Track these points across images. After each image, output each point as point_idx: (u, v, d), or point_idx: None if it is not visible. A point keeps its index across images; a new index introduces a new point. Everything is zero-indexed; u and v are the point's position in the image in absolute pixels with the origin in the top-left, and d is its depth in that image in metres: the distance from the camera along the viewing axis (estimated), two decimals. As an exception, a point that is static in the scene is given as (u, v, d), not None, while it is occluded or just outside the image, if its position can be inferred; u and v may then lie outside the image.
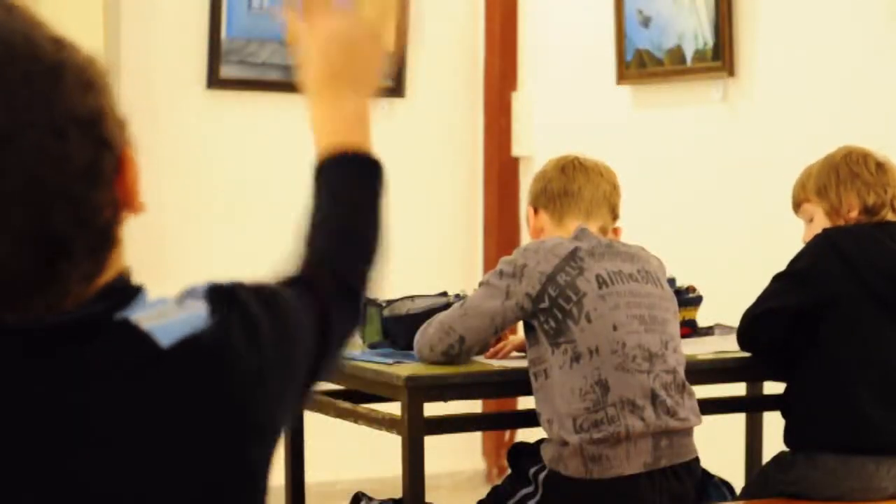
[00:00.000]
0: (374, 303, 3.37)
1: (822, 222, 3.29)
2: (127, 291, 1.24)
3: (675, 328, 3.15)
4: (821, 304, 3.20)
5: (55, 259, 1.17)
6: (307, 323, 1.34)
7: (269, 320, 1.29)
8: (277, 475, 3.87)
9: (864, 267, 3.17)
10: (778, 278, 3.29)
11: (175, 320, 1.22)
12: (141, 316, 1.21)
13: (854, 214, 3.26)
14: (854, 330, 3.19)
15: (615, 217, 3.26)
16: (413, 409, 3.02)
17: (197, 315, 1.23)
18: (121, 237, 1.24)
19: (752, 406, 3.82)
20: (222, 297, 1.26)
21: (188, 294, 1.26)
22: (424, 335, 3.11)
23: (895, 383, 3.19)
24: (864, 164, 3.29)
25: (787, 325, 3.25)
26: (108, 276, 1.23)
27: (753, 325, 3.29)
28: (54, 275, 1.18)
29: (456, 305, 3.12)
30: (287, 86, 5.39)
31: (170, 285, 4.68)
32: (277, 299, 1.33)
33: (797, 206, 3.37)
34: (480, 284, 3.10)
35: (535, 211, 3.24)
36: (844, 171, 3.28)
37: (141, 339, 1.20)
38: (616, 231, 3.25)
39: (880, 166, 3.30)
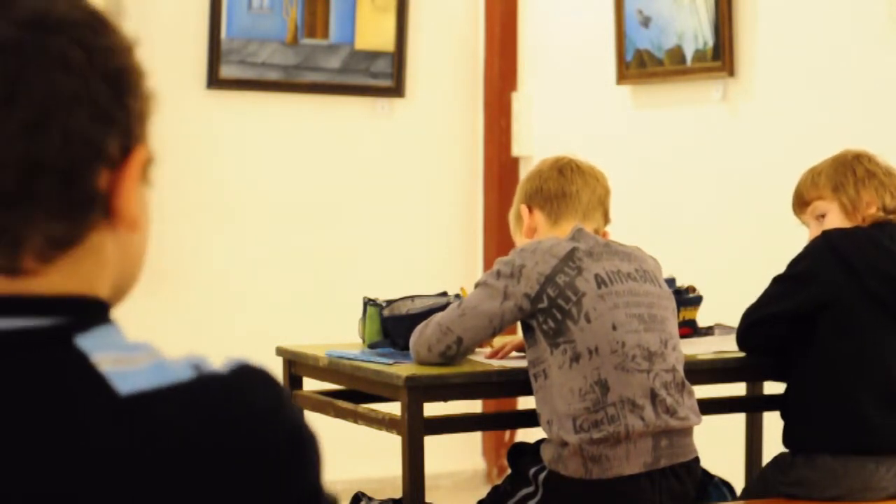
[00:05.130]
0: (374, 303, 3.37)
1: (837, 219, 3.28)
2: (93, 313, 1.10)
3: (674, 326, 3.15)
4: (820, 306, 3.20)
5: (27, 179, 1.06)
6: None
7: (291, 449, 1.09)
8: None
9: (864, 269, 3.18)
10: (777, 281, 3.30)
11: (146, 367, 1.07)
12: (104, 356, 1.07)
13: (872, 211, 3.27)
14: (853, 332, 3.19)
15: (607, 220, 3.27)
16: (413, 409, 3.02)
17: (184, 364, 1.08)
18: (104, 241, 1.12)
19: (752, 406, 3.82)
20: (251, 371, 1.09)
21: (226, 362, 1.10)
22: (422, 336, 3.10)
23: (894, 385, 3.20)
24: (876, 164, 3.32)
25: (786, 328, 3.26)
26: (74, 280, 1.11)
27: (753, 329, 3.30)
28: (23, 193, 1.06)
29: (453, 306, 3.11)
30: (287, 86, 5.41)
31: (170, 285, 4.71)
32: (313, 455, 1.12)
33: (805, 204, 3.35)
34: (477, 285, 3.09)
35: (530, 210, 3.24)
36: (861, 169, 3.30)
37: (96, 381, 1.05)
38: (605, 234, 3.25)
39: (889, 170, 3.32)
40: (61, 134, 1.08)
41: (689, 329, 3.61)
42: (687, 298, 3.59)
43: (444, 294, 3.41)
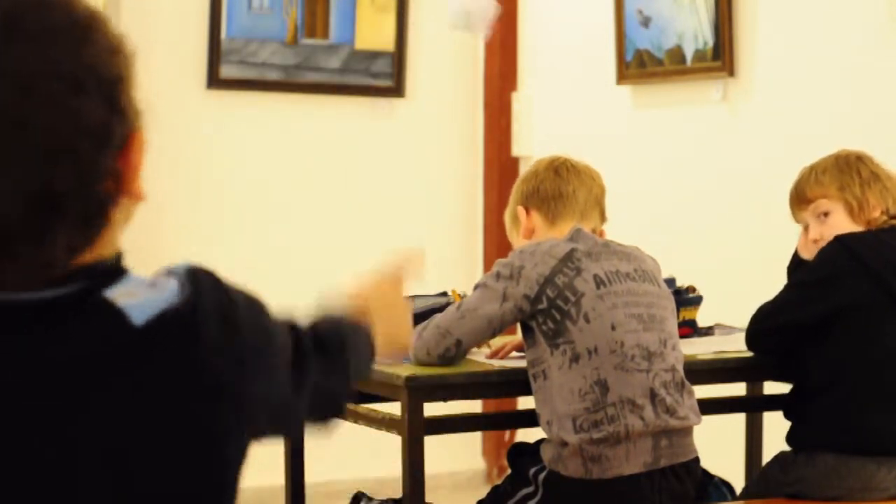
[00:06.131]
0: (374, 303, 3.36)
1: (842, 219, 3.26)
2: (113, 272, 1.25)
3: (674, 326, 3.15)
4: (840, 310, 3.18)
5: (48, 214, 1.18)
6: (285, 341, 1.39)
7: (248, 309, 1.32)
8: (277, 475, 3.83)
9: (885, 271, 3.16)
10: (796, 287, 3.27)
11: (147, 298, 1.23)
12: (117, 293, 1.23)
13: (876, 214, 3.25)
14: (872, 334, 3.17)
15: (604, 219, 3.27)
16: (413, 409, 3.02)
17: (169, 291, 1.24)
18: (116, 221, 1.25)
19: (752, 406, 3.82)
20: (198, 277, 1.28)
21: (166, 272, 1.27)
22: (420, 338, 3.10)
23: None
24: (878, 167, 3.31)
25: (801, 333, 3.24)
26: (94, 256, 1.24)
27: (768, 335, 3.28)
28: (44, 230, 1.18)
29: (452, 308, 3.11)
30: (287, 86, 5.41)
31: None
32: (256, 299, 1.36)
33: (807, 202, 3.32)
34: (476, 287, 3.09)
35: (527, 211, 3.23)
36: (866, 171, 3.28)
37: (116, 316, 1.22)
38: (602, 233, 3.25)
39: (889, 174, 3.31)
40: (71, 169, 1.18)
41: (689, 329, 3.61)
42: (687, 298, 3.59)
43: (444, 294, 3.41)
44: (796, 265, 3.38)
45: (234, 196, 5.34)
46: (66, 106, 1.17)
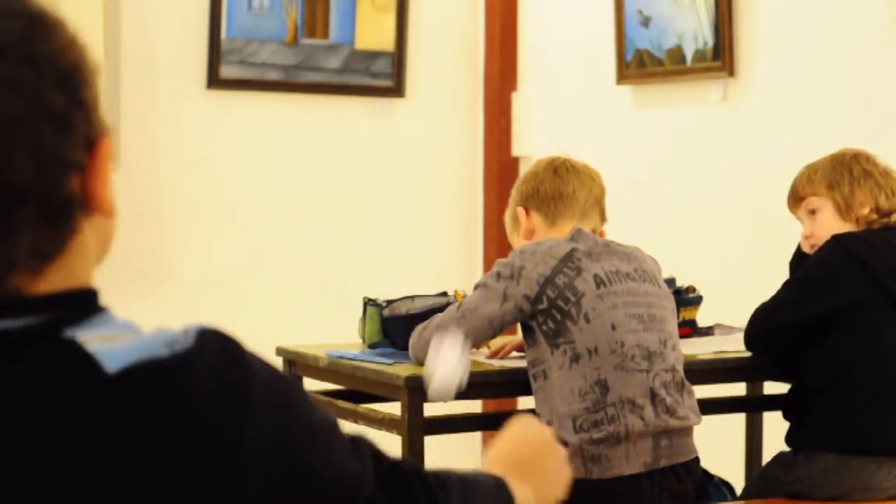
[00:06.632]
0: (374, 303, 3.37)
1: (830, 216, 3.27)
2: (84, 306, 1.13)
3: (674, 326, 3.15)
4: (839, 310, 3.18)
5: (5, 203, 1.07)
6: (325, 422, 1.20)
7: (268, 393, 1.14)
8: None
9: (883, 271, 3.17)
10: (794, 285, 3.27)
11: (128, 345, 1.09)
12: (90, 336, 1.10)
13: (865, 212, 3.26)
14: (871, 334, 3.18)
15: (604, 219, 3.27)
16: (413, 409, 3.02)
17: (159, 341, 1.11)
18: (86, 239, 1.15)
19: (752, 406, 3.82)
20: (205, 336, 1.13)
21: (183, 330, 1.14)
22: (421, 339, 3.10)
23: None
24: (874, 164, 3.30)
25: (800, 332, 3.25)
26: (64, 279, 1.13)
27: (767, 335, 3.29)
28: (4, 225, 1.08)
29: (452, 308, 3.11)
30: (287, 86, 5.41)
31: (170, 285, 4.71)
32: (290, 380, 1.19)
33: (800, 199, 3.34)
34: (476, 287, 3.09)
35: (527, 212, 3.24)
36: (857, 169, 3.29)
37: (84, 360, 1.08)
38: (602, 234, 3.25)
39: (887, 171, 3.31)
40: (30, 156, 1.09)
41: (689, 329, 3.61)
42: (687, 298, 3.59)
43: (444, 294, 3.41)
44: (799, 259, 3.39)
45: (234, 196, 5.34)
46: (22, 84, 1.08)
